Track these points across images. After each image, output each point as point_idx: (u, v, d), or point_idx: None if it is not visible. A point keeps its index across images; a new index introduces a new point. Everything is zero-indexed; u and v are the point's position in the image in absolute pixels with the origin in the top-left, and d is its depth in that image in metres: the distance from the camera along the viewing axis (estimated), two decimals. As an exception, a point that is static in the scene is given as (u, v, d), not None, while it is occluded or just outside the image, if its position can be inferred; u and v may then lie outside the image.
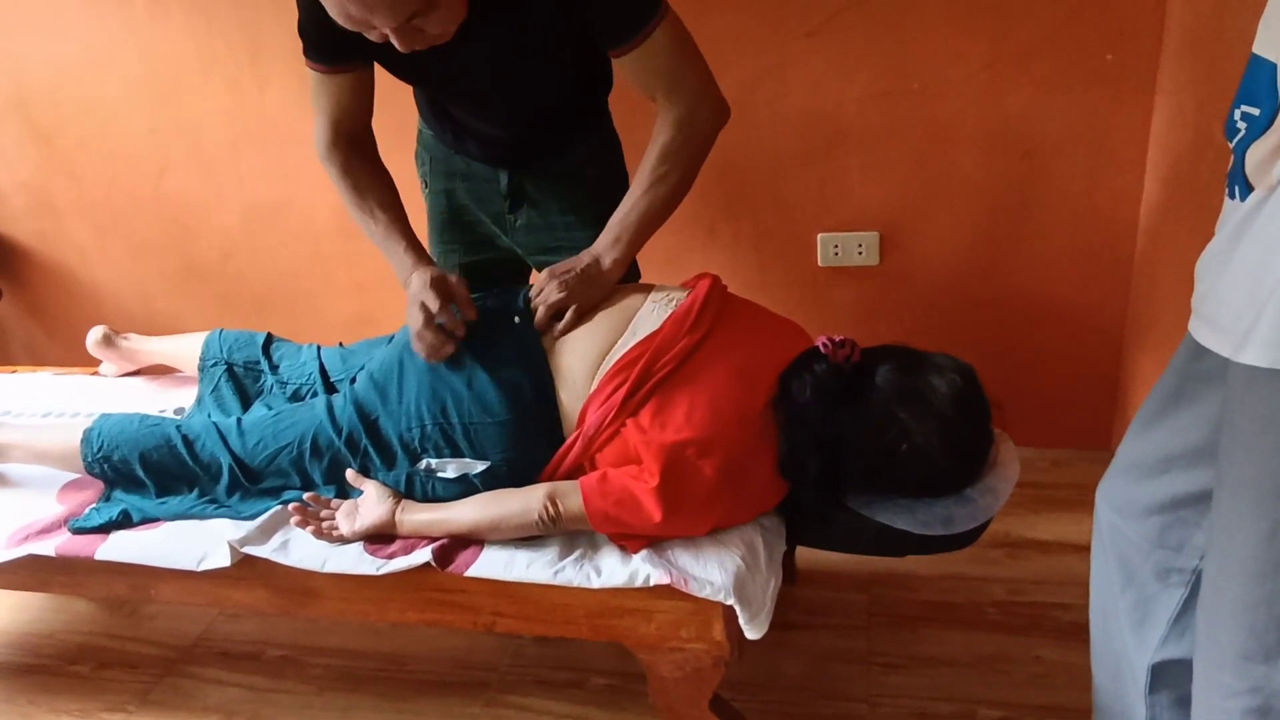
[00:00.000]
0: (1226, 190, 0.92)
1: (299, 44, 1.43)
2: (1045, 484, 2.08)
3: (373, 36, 1.23)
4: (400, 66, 1.44)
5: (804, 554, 1.80)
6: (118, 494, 1.53)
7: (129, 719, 1.71)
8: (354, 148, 1.50)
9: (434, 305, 1.36)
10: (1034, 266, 2.05)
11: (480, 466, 1.38)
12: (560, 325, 1.41)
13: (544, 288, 1.43)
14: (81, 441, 1.53)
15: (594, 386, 1.34)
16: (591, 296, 1.43)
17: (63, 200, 2.56)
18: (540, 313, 1.41)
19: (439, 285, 1.37)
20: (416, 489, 1.42)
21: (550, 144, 1.59)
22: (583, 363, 1.37)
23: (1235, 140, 0.88)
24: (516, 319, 1.42)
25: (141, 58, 2.32)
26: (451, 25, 1.25)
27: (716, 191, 2.14)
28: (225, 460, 1.48)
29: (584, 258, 1.45)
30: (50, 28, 2.33)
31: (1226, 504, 0.90)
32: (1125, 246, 1.99)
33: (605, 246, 1.46)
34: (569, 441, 1.35)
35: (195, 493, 1.50)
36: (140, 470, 1.51)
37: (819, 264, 2.14)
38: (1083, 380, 2.14)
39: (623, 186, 1.61)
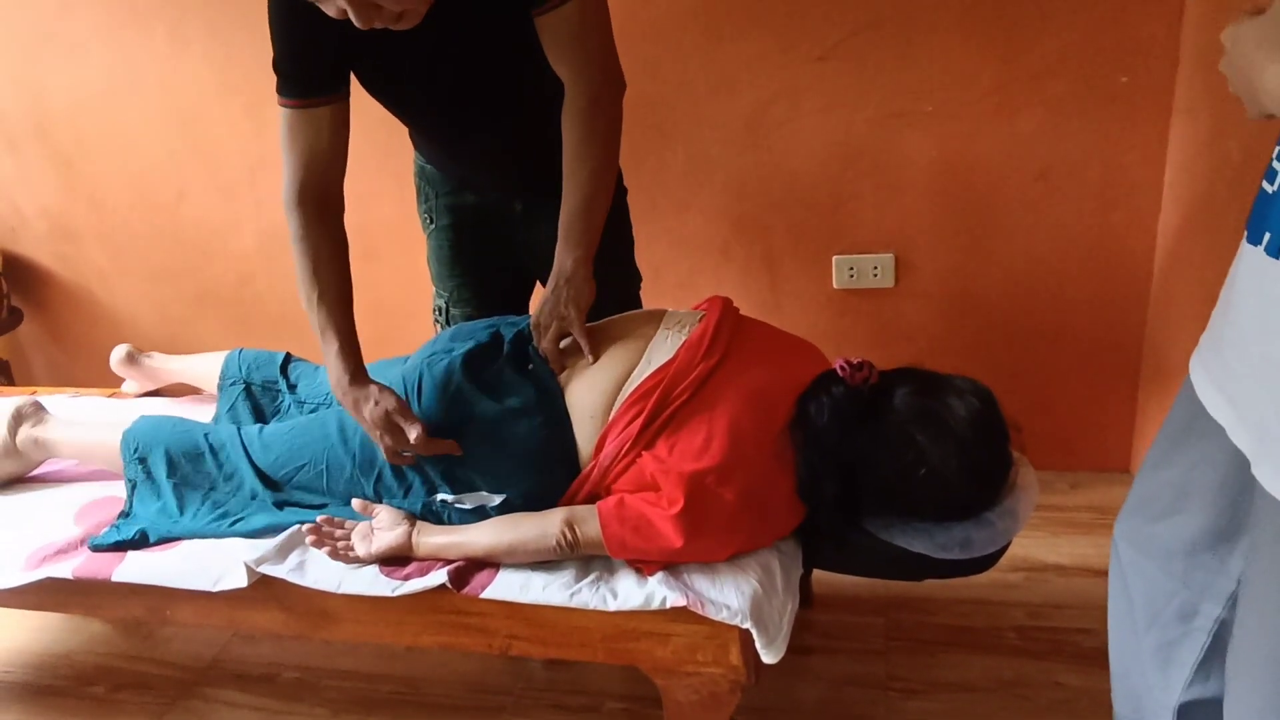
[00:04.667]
0: (1249, 236, 0.90)
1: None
2: (1064, 506, 2.06)
3: (330, 11, 1.18)
4: (374, 77, 1.43)
5: (820, 578, 1.79)
6: (138, 512, 1.53)
7: (144, 741, 1.71)
8: (322, 208, 1.42)
9: (413, 440, 1.35)
10: (1051, 288, 2.05)
11: (497, 499, 1.38)
12: (581, 354, 1.41)
13: (539, 334, 1.43)
14: (121, 441, 1.56)
15: (610, 418, 1.34)
16: (580, 303, 1.42)
17: (83, 225, 2.59)
18: (550, 355, 1.41)
19: (393, 430, 1.35)
20: (432, 517, 1.42)
21: (542, 174, 1.55)
22: (598, 395, 1.37)
23: (1277, 186, 0.86)
24: (530, 365, 1.43)
25: (161, 85, 2.35)
26: (411, 4, 1.20)
27: (730, 213, 2.15)
28: (248, 471, 1.50)
29: (551, 281, 1.45)
30: (72, 55, 2.37)
31: (1264, 552, 0.89)
32: (1143, 267, 1.98)
33: (562, 252, 1.44)
34: (585, 473, 1.35)
35: (210, 504, 1.51)
36: (168, 471, 1.53)
37: (834, 286, 2.14)
38: (1101, 402, 2.12)
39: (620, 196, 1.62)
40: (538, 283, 1.75)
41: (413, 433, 1.33)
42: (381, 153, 2.11)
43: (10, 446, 1.66)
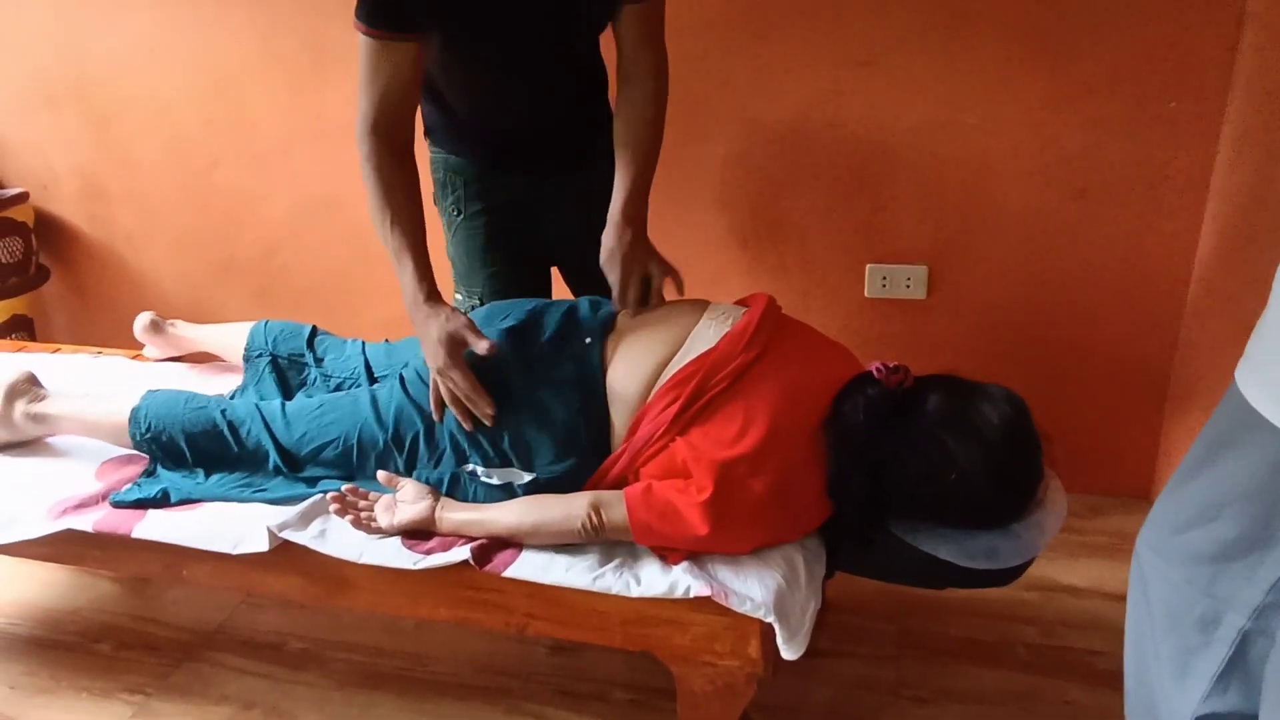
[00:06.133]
0: None
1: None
2: (1081, 529, 2.05)
3: None
4: (465, 24, 1.43)
5: (833, 581, 1.78)
6: (161, 472, 1.54)
7: (148, 700, 1.70)
8: (394, 139, 1.44)
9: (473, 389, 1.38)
10: (1082, 308, 2.04)
11: (526, 478, 1.38)
12: (653, 296, 1.50)
13: (623, 286, 1.49)
14: (129, 420, 1.55)
15: (648, 401, 1.35)
16: (649, 253, 1.52)
17: (114, 186, 2.60)
18: (640, 299, 1.49)
19: (456, 349, 1.37)
20: (459, 490, 1.42)
21: (572, 150, 1.65)
22: (637, 378, 1.37)
23: None
24: (589, 339, 1.43)
25: (203, 51, 2.35)
26: None
27: (764, 213, 2.14)
28: (270, 448, 1.49)
29: (613, 241, 1.50)
30: (113, 17, 2.38)
31: None
32: (1176, 294, 1.97)
33: (620, 227, 1.51)
34: (615, 454, 1.35)
35: (237, 474, 1.51)
36: (187, 451, 1.53)
37: (865, 294, 2.13)
38: (1125, 427, 2.11)
39: None
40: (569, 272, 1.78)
41: (481, 346, 1.35)
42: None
43: (7, 420, 1.63)
